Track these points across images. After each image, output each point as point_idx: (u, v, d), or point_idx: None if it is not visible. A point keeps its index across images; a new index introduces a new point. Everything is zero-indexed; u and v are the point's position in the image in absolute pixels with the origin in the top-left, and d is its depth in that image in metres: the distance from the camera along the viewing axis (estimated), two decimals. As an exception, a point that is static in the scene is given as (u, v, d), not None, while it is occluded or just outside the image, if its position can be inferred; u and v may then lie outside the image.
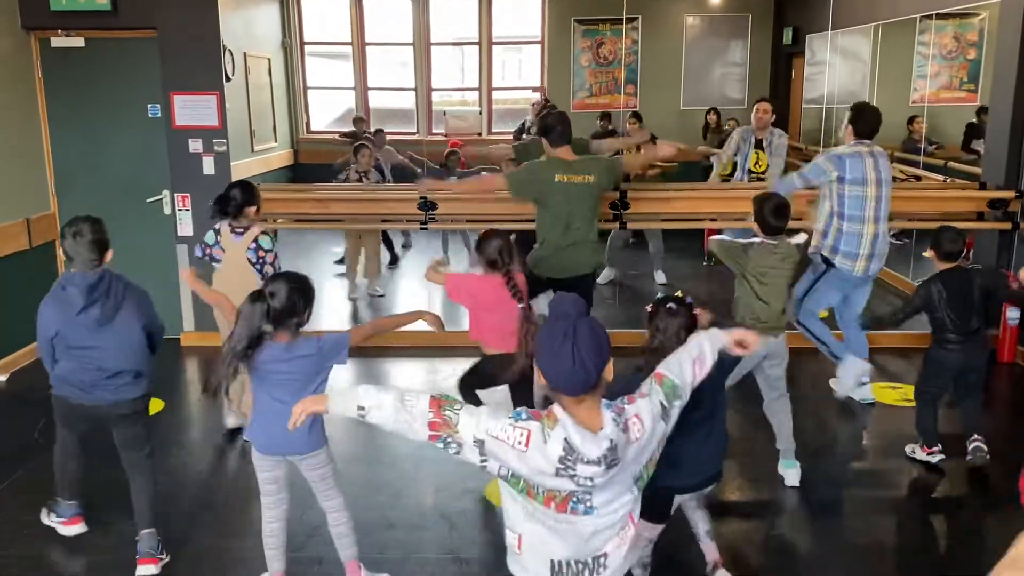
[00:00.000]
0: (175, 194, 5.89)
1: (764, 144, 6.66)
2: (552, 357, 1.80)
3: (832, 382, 4.98)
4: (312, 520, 3.63)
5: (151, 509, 3.41)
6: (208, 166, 5.83)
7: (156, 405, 4.99)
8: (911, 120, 7.85)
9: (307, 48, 11.43)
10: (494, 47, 11.48)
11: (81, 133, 5.96)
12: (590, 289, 4.76)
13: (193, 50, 5.68)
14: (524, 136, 9.55)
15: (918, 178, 7.16)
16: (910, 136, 7.82)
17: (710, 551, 3.19)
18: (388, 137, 9.40)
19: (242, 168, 7.81)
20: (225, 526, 3.85)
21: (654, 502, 2.89)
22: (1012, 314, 5.51)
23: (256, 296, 2.83)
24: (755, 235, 3.87)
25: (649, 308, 2.86)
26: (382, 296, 7.32)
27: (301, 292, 2.87)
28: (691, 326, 2.76)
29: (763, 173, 6.62)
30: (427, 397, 1.89)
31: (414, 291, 7.52)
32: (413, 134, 11.29)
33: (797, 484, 3.93)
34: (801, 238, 3.98)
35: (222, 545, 3.66)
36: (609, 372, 1.85)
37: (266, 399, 2.94)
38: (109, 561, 3.45)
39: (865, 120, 4.68)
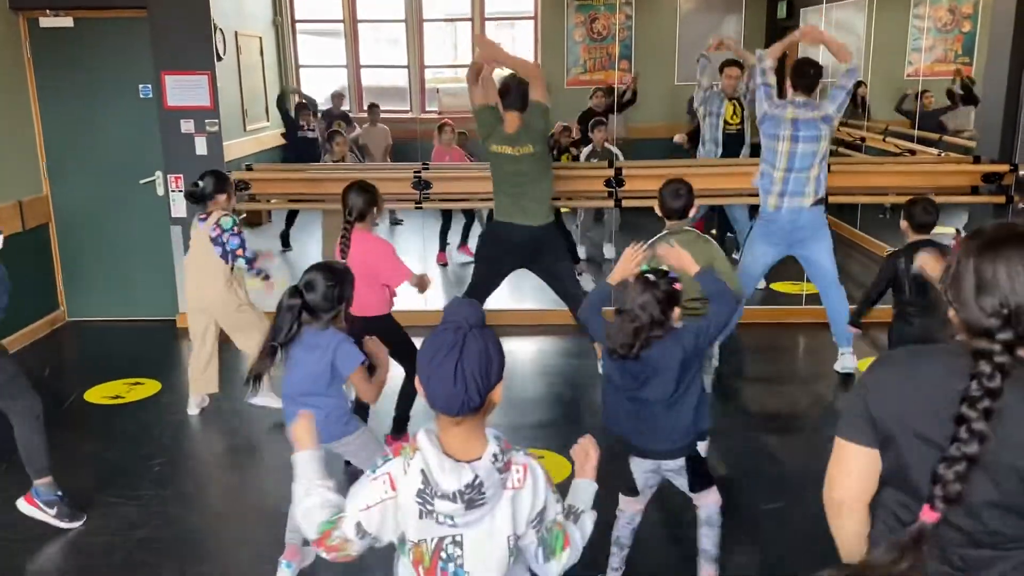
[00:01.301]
0: (168, 175, 5.87)
1: (741, 99, 6.66)
2: (432, 372, 1.60)
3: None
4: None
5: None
6: (201, 146, 5.80)
7: (153, 386, 5.01)
8: (921, 95, 7.79)
9: (298, 26, 11.33)
10: (487, 23, 11.40)
11: (72, 115, 5.91)
12: (554, 240, 4.89)
13: (184, 29, 5.63)
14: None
15: (912, 152, 7.15)
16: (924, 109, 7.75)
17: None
18: (381, 115, 9.33)
19: (235, 148, 7.77)
20: (221, 506, 3.87)
21: (625, 475, 2.94)
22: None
23: (295, 290, 2.88)
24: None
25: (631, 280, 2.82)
26: None
27: (338, 284, 2.91)
28: (671, 300, 2.73)
29: (740, 124, 6.67)
30: (320, 528, 1.73)
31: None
32: (406, 112, 11.22)
33: (704, 453, 3.72)
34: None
35: (218, 525, 3.68)
36: (497, 394, 1.65)
37: (286, 383, 2.98)
38: (113, 542, 3.46)
39: (800, 73, 4.82)
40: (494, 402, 1.66)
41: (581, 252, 7.61)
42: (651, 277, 2.73)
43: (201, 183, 4.36)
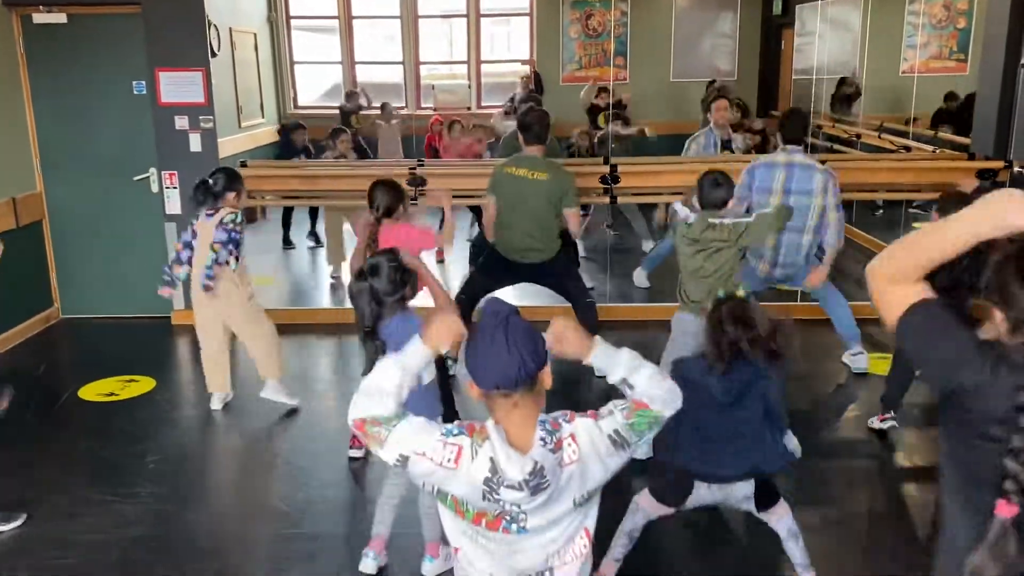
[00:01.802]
0: (162, 172, 5.85)
1: (732, 145, 6.47)
2: (484, 351, 1.69)
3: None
4: (308, 496, 3.65)
5: None
6: (195, 143, 5.78)
7: (147, 383, 5.00)
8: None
9: (293, 22, 11.30)
10: (482, 19, 11.39)
11: (66, 111, 5.89)
12: (564, 268, 4.78)
13: (178, 26, 5.61)
14: (516, 112, 9.52)
15: (908, 149, 7.16)
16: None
17: None
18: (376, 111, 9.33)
19: (229, 145, 7.75)
20: (217, 504, 3.87)
21: (672, 483, 2.91)
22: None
23: (359, 275, 2.93)
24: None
25: (706, 311, 2.87)
26: None
27: (401, 269, 2.94)
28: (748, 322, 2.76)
29: None
30: (365, 414, 1.75)
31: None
32: (402, 108, 11.21)
33: (799, 455, 3.86)
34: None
35: (214, 523, 3.68)
36: (547, 376, 1.74)
37: None
38: (108, 540, 3.46)
39: (792, 126, 4.77)
40: (545, 383, 1.74)
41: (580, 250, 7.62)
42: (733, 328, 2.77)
43: (211, 180, 4.34)
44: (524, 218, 4.51)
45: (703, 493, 2.89)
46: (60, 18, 5.72)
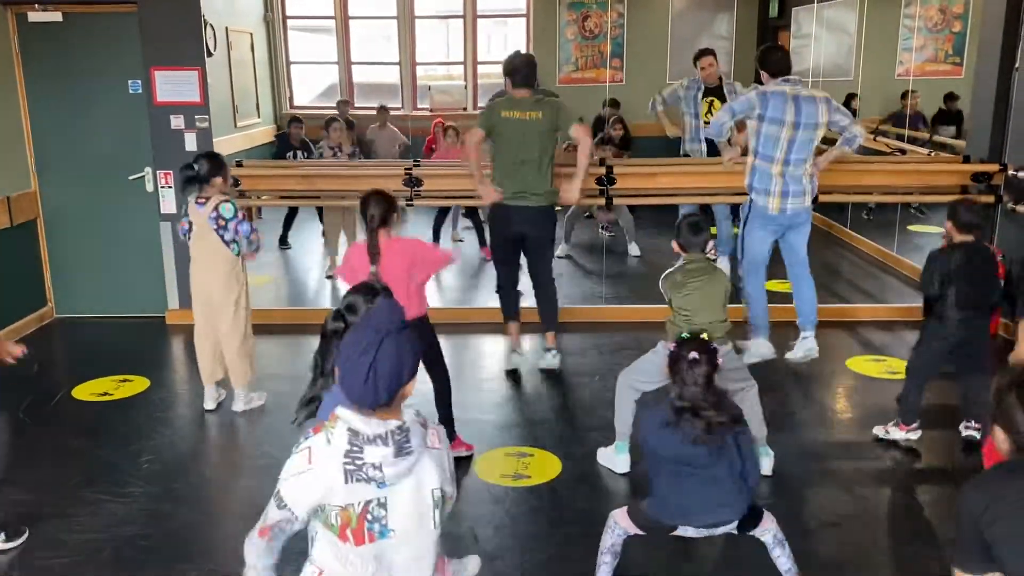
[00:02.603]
0: (157, 171, 5.84)
1: (725, 93, 6.55)
2: (348, 368, 1.75)
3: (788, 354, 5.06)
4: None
5: None
6: (190, 142, 5.77)
7: (141, 383, 4.99)
8: (904, 95, 7.81)
9: (290, 22, 11.30)
10: (479, 20, 11.39)
11: (61, 110, 5.88)
12: (548, 227, 4.96)
13: (174, 25, 5.60)
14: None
15: (903, 151, 7.17)
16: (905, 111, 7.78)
17: None
18: (371, 114, 9.31)
19: (225, 144, 7.74)
20: (211, 504, 3.86)
21: (649, 521, 2.89)
22: (995, 287, 5.54)
23: (337, 314, 2.64)
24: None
25: (668, 354, 2.84)
26: None
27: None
28: (712, 373, 2.75)
29: None
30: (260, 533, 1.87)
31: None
32: (398, 109, 11.20)
33: (770, 472, 3.83)
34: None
35: (207, 522, 3.67)
36: (409, 389, 1.80)
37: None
38: (101, 539, 3.45)
39: (772, 60, 4.76)
40: (405, 395, 1.80)
41: (562, 249, 7.64)
42: (695, 355, 2.74)
43: (196, 165, 4.32)
44: (525, 158, 4.72)
45: (682, 530, 2.91)
46: (55, 17, 5.70)
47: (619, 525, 2.96)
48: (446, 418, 4.00)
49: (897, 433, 4.16)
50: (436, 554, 1.90)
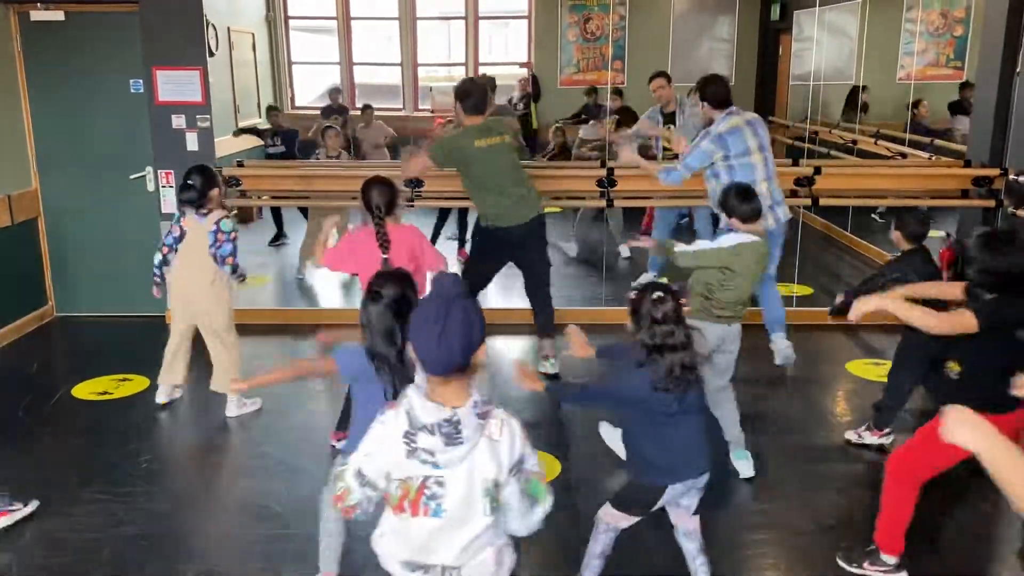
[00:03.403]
0: (158, 170, 5.84)
1: (677, 116, 6.41)
2: (421, 336, 1.82)
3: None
4: (301, 497, 3.65)
5: None
6: (192, 142, 5.77)
7: (141, 383, 4.99)
8: (917, 104, 7.81)
9: (291, 22, 11.31)
10: (481, 22, 11.40)
11: (62, 109, 5.88)
12: (543, 234, 4.93)
13: (176, 24, 5.60)
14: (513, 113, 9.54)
15: (904, 155, 7.18)
16: (915, 119, 7.76)
17: None
18: (375, 113, 9.30)
19: (226, 144, 7.75)
20: (209, 503, 3.85)
21: (636, 493, 2.85)
22: (995, 291, 5.54)
23: (375, 296, 2.58)
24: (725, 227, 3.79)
25: (631, 296, 2.73)
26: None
27: (411, 287, 2.67)
28: (679, 316, 2.67)
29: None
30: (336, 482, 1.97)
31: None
32: (399, 110, 11.21)
33: (752, 474, 3.84)
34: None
35: (205, 522, 3.67)
36: (481, 355, 1.86)
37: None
38: (100, 538, 3.45)
39: (711, 91, 4.78)
40: (479, 363, 1.86)
41: (572, 250, 7.68)
42: (660, 294, 2.66)
43: (192, 181, 4.31)
44: (507, 180, 4.71)
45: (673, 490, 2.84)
46: (57, 15, 5.71)
47: (608, 524, 2.91)
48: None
49: (871, 438, 4.19)
50: (488, 543, 1.95)
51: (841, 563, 3.21)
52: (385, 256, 3.59)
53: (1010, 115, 5.66)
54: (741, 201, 3.65)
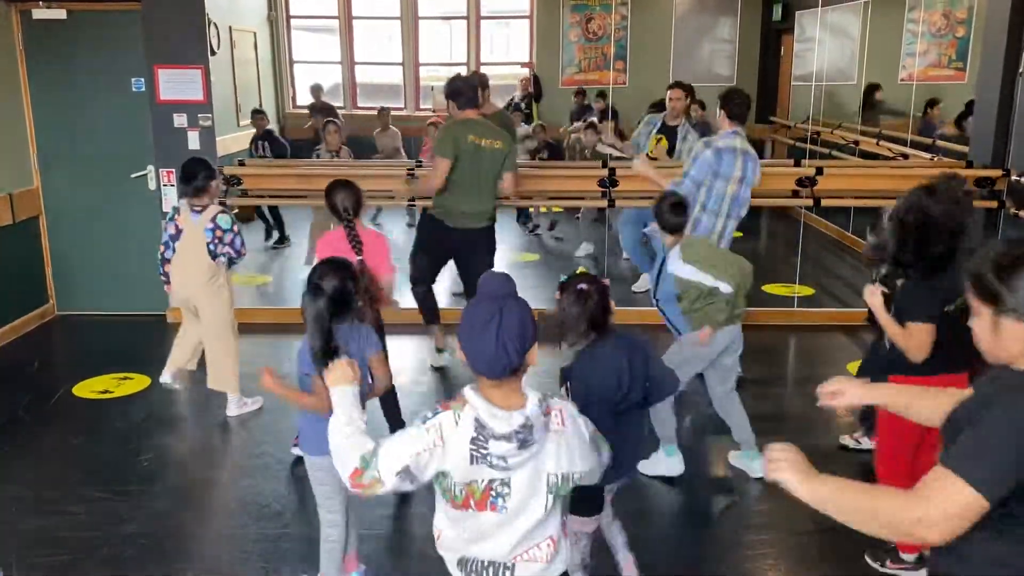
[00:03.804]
0: (160, 169, 5.84)
1: (678, 135, 6.22)
2: (474, 339, 1.78)
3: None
4: (301, 496, 3.65)
5: None
6: (193, 141, 5.77)
7: (142, 382, 4.99)
8: (933, 104, 7.78)
9: (293, 22, 11.32)
10: (482, 22, 11.40)
11: (64, 107, 5.88)
12: (488, 245, 4.93)
13: (177, 23, 5.60)
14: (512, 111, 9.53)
15: (905, 156, 7.17)
16: (930, 120, 7.73)
17: (628, 565, 3.02)
18: (373, 114, 9.29)
19: (228, 143, 7.74)
20: (209, 502, 3.85)
21: (584, 497, 2.77)
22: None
23: (315, 290, 2.62)
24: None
25: (559, 288, 2.72)
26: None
27: (352, 279, 2.71)
28: (605, 307, 2.66)
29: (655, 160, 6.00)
30: (354, 464, 1.83)
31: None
32: (400, 109, 11.21)
33: (763, 475, 3.85)
34: None
35: (205, 521, 3.67)
36: (533, 356, 1.82)
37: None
38: (100, 537, 3.45)
39: (736, 103, 4.70)
40: (530, 363, 1.82)
41: (584, 249, 7.69)
42: (584, 286, 2.65)
43: (191, 173, 4.28)
44: (475, 184, 4.71)
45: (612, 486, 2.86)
46: (59, 14, 5.71)
47: (581, 534, 2.86)
48: (397, 424, 3.91)
49: (868, 443, 4.17)
50: (544, 536, 1.91)
51: (868, 560, 3.23)
52: (360, 258, 3.58)
53: (1012, 116, 5.66)
54: (673, 213, 3.67)
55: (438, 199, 4.82)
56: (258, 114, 8.38)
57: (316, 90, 10.17)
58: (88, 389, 4.91)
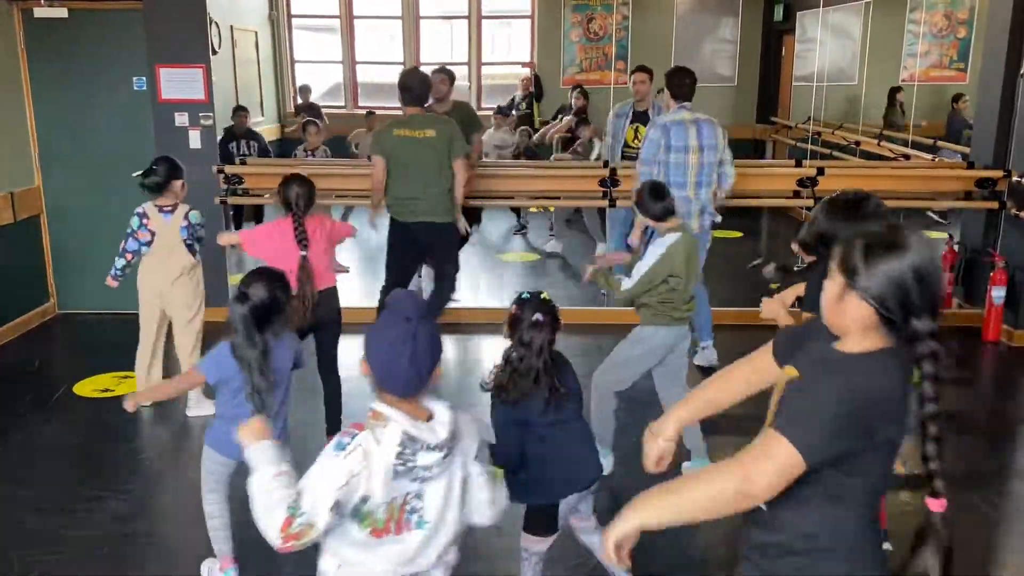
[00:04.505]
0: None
1: (650, 118, 6.09)
2: (388, 360, 1.78)
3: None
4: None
5: None
6: (194, 140, 5.77)
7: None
8: (957, 99, 7.76)
9: (295, 21, 11.31)
10: (484, 21, 11.40)
11: (65, 106, 5.88)
12: (451, 239, 5.02)
13: (179, 22, 5.60)
14: (513, 112, 9.54)
15: (907, 157, 7.17)
16: (956, 115, 7.70)
17: None
18: (378, 112, 9.28)
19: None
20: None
21: (537, 514, 2.78)
22: (997, 293, 5.55)
23: (241, 297, 2.69)
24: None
25: (510, 311, 2.66)
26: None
27: (282, 288, 2.78)
28: (554, 337, 2.62)
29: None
30: (282, 516, 1.78)
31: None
32: (400, 109, 11.20)
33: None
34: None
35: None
36: (438, 373, 1.86)
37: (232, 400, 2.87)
38: (101, 536, 3.45)
39: (676, 84, 4.81)
40: (436, 380, 1.85)
41: (552, 246, 7.70)
42: (540, 318, 2.59)
43: (154, 168, 4.28)
44: (415, 177, 4.77)
45: (566, 503, 2.78)
46: (61, 13, 5.71)
47: (532, 551, 2.83)
48: (335, 427, 3.90)
49: None
50: (454, 543, 1.96)
51: None
52: (304, 253, 3.60)
53: (1014, 117, 5.65)
54: (654, 199, 3.62)
55: (388, 196, 4.91)
56: (241, 111, 8.07)
57: (303, 91, 10.21)
58: (89, 387, 4.91)
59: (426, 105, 5.02)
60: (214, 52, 6.28)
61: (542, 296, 2.66)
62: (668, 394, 3.82)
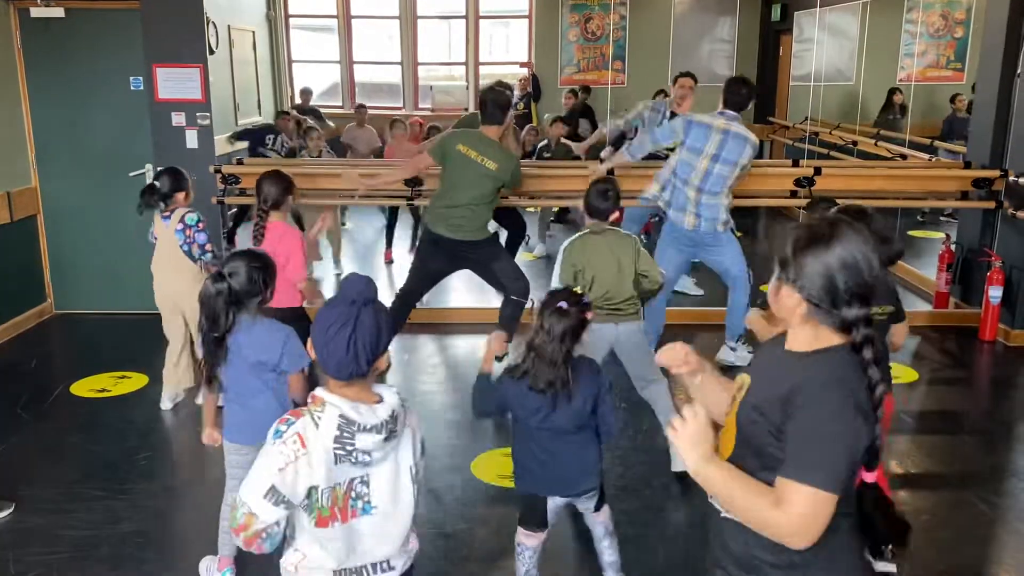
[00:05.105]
0: (158, 168, 5.81)
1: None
2: (328, 341, 1.77)
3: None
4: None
5: None
6: (191, 140, 5.76)
7: (140, 380, 4.98)
8: (954, 99, 7.77)
9: (292, 21, 11.31)
10: (481, 21, 11.40)
11: (62, 106, 5.87)
12: (487, 252, 4.81)
13: (176, 22, 5.59)
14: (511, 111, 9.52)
15: (904, 157, 7.18)
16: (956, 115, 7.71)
17: None
18: (372, 113, 9.23)
19: (226, 142, 7.74)
20: (207, 500, 3.84)
21: (528, 508, 2.83)
22: (994, 292, 5.56)
23: (217, 277, 2.75)
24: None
25: (541, 300, 2.72)
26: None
27: (261, 269, 2.80)
28: (580, 328, 2.64)
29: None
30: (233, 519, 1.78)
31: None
32: (399, 109, 11.21)
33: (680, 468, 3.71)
34: None
35: (204, 519, 3.66)
36: (382, 362, 1.84)
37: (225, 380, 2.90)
38: (98, 536, 3.44)
39: (734, 90, 4.76)
40: (380, 368, 1.86)
41: (538, 249, 7.71)
42: (564, 305, 2.63)
43: (158, 183, 4.31)
44: (463, 197, 4.62)
45: (555, 502, 2.83)
46: (58, 12, 5.70)
47: (525, 546, 2.86)
48: None
49: None
50: (409, 529, 1.95)
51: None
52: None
53: (1010, 117, 5.66)
54: (596, 198, 3.62)
55: (429, 208, 4.86)
56: (284, 115, 8.50)
57: (304, 94, 10.20)
58: (86, 387, 4.90)
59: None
60: (211, 52, 6.28)
61: (575, 289, 2.74)
62: (649, 393, 3.82)
